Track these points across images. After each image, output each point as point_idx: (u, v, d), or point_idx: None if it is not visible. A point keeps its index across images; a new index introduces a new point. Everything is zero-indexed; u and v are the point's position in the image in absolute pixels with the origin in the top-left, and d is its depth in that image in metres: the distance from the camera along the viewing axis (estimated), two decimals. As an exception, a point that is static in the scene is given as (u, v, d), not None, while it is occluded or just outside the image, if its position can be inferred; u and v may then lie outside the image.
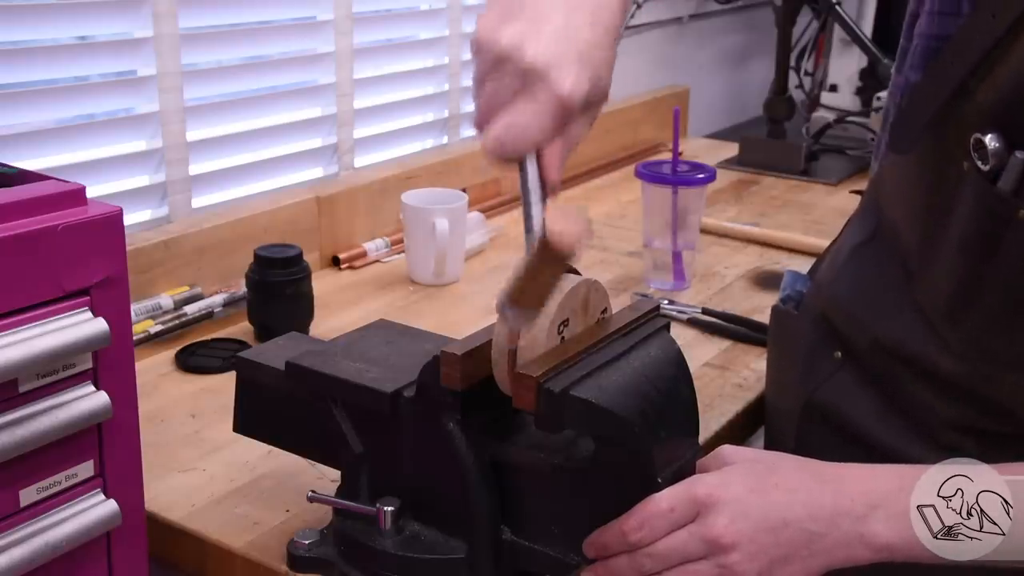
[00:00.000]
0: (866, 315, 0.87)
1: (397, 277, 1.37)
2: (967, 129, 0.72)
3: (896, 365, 0.84)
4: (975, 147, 0.71)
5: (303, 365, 0.78)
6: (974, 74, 0.72)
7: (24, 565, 0.67)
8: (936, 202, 0.77)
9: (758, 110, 2.05)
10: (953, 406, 0.81)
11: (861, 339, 0.88)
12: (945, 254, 0.77)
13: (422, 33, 1.68)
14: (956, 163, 0.74)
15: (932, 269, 0.79)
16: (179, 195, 1.30)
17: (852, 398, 0.89)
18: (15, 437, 0.66)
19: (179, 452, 0.95)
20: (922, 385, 0.83)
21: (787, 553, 0.65)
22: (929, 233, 0.79)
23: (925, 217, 0.80)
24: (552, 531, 0.72)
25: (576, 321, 0.70)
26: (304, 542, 0.78)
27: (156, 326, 1.13)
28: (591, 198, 1.76)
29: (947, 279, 0.77)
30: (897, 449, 0.83)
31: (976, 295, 0.75)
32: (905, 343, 0.83)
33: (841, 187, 1.84)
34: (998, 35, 0.70)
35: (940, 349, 0.80)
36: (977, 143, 0.71)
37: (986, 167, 0.71)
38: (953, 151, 0.74)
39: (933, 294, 0.80)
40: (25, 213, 0.66)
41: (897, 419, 0.85)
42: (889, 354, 0.85)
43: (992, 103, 0.71)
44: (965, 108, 0.73)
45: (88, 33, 1.21)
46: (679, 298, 1.31)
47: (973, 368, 0.78)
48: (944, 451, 0.80)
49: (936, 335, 0.80)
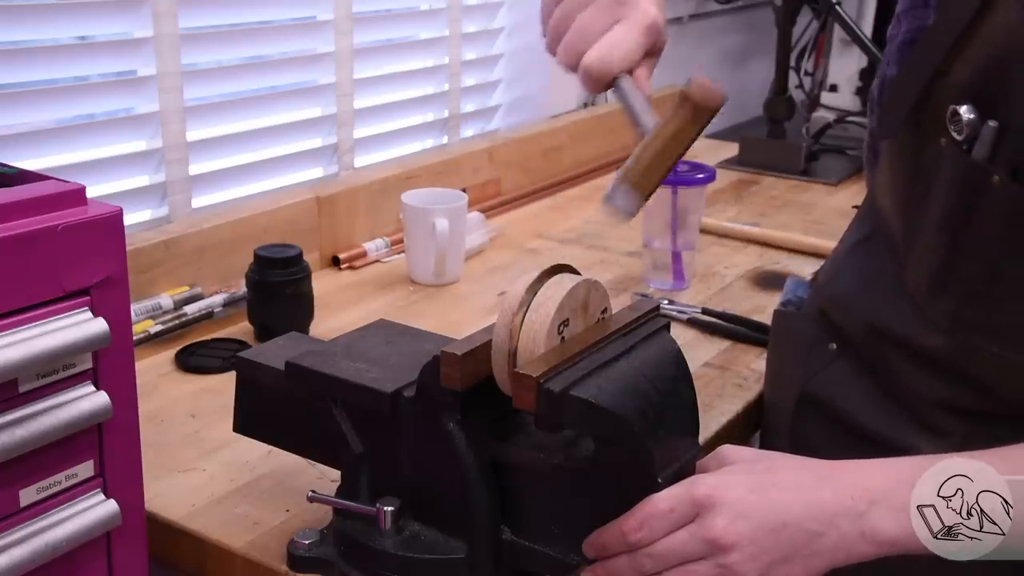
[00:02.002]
0: (860, 304, 0.89)
1: (397, 277, 1.37)
2: (943, 106, 0.75)
3: (886, 348, 0.86)
4: (951, 119, 0.74)
5: (303, 365, 0.78)
6: (948, 55, 0.75)
7: (24, 565, 0.67)
8: (917, 183, 0.80)
9: (758, 110, 2.05)
10: (939, 385, 0.82)
11: (856, 327, 0.90)
12: (926, 232, 0.79)
13: (422, 33, 1.68)
14: (934, 141, 0.76)
15: (915, 249, 0.81)
16: (179, 195, 1.30)
17: (845, 387, 0.90)
18: (15, 437, 0.66)
19: (179, 452, 0.95)
20: (909, 365, 0.84)
21: (787, 553, 0.65)
22: (912, 214, 0.81)
23: (908, 199, 0.82)
24: (552, 531, 0.72)
25: (576, 321, 0.71)
26: (304, 542, 0.78)
27: (156, 326, 1.14)
28: (591, 198, 1.76)
29: (929, 256, 0.79)
30: (889, 435, 0.85)
31: (956, 268, 0.77)
32: (895, 326, 0.85)
33: (841, 187, 1.84)
34: (969, 17, 0.73)
35: (926, 328, 0.81)
36: (953, 114, 0.74)
37: (961, 137, 0.73)
38: (930, 132, 0.77)
39: (917, 273, 0.81)
40: (25, 213, 0.66)
41: (888, 404, 0.87)
42: (880, 338, 0.86)
43: (966, 79, 0.74)
44: (940, 87, 0.76)
45: (88, 33, 1.21)
46: (679, 298, 1.31)
47: (956, 343, 0.79)
48: (932, 433, 0.82)
49: (922, 315, 0.81)
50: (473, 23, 1.75)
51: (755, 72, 2.50)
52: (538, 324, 0.68)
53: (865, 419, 0.88)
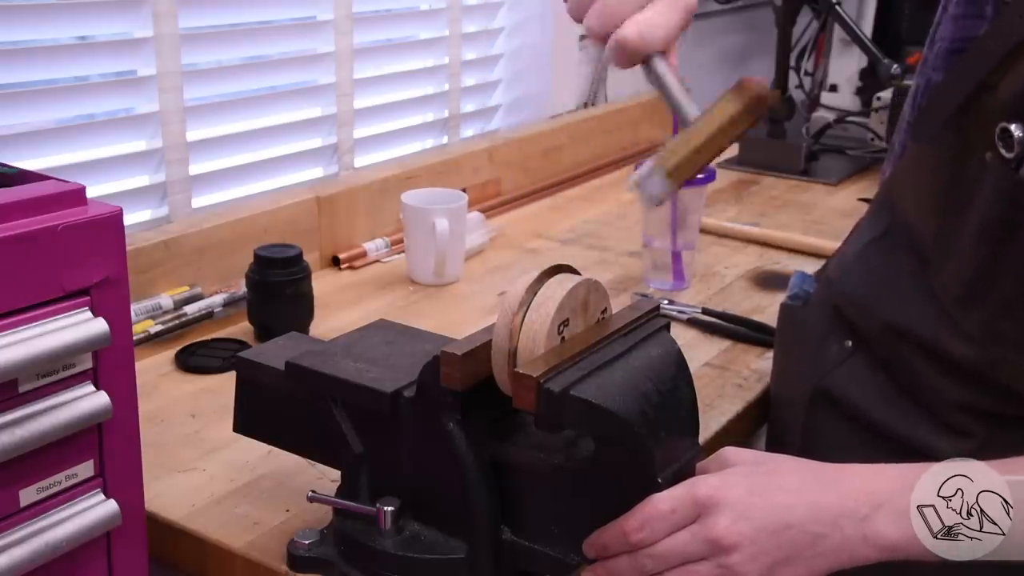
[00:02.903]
0: (878, 303, 0.89)
1: (397, 277, 1.37)
2: (989, 121, 0.74)
3: (906, 349, 0.85)
4: (1001, 136, 0.73)
5: (303, 365, 0.78)
6: (998, 70, 0.74)
7: (24, 565, 0.67)
8: (955, 193, 0.79)
9: (758, 110, 2.05)
10: (962, 389, 0.82)
11: (872, 326, 0.89)
12: (963, 243, 0.78)
13: (422, 33, 1.68)
14: (978, 154, 0.76)
15: (949, 258, 0.81)
16: (179, 195, 1.30)
17: (861, 384, 0.90)
18: (15, 437, 0.66)
19: (179, 452, 0.95)
20: (932, 368, 0.84)
21: (789, 555, 0.65)
22: (947, 223, 0.81)
23: (943, 208, 0.81)
24: (552, 531, 0.72)
25: (576, 321, 0.70)
26: (304, 542, 0.78)
27: (156, 326, 1.13)
28: (591, 198, 1.77)
29: (965, 267, 0.79)
30: (905, 433, 0.84)
31: (993, 281, 0.77)
32: (916, 327, 0.84)
33: (841, 187, 1.84)
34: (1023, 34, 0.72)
35: (952, 333, 0.81)
36: (1003, 132, 0.73)
37: (1010, 155, 0.73)
38: (974, 143, 0.76)
39: (949, 282, 0.81)
40: (25, 213, 0.66)
41: (906, 403, 0.86)
42: (900, 338, 0.86)
43: (1016, 96, 0.73)
44: (988, 102, 0.75)
45: (88, 33, 1.21)
46: (679, 298, 1.31)
47: (984, 352, 0.79)
48: (951, 433, 0.81)
49: (948, 320, 0.81)
50: (473, 23, 1.75)
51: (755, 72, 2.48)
52: (538, 324, 0.68)
53: (881, 416, 0.88)
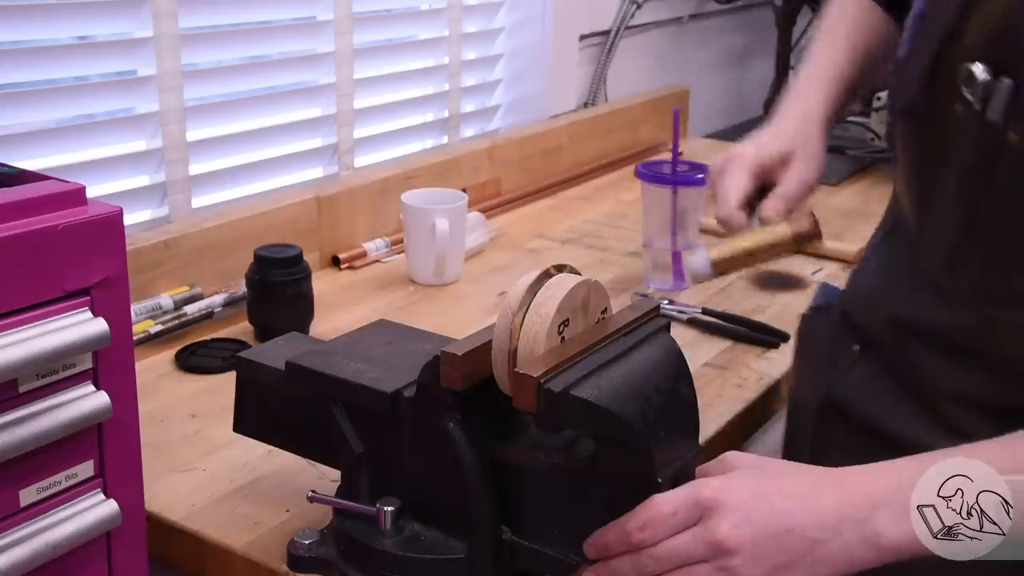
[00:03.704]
0: (883, 299, 0.89)
1: (397, 277, 1.37)
2: (957, 71, 0.73)
3: (908, 339, 0.85)
4: (965, 80, 0.72)
5: (303, 365, 0.78)
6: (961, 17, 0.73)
7: (24, 565, 0.67)
8: (930, 156, 0.79)
9: (758, 110, 2.05)
10: (959, 373, 0.82)
11: (878, 323, 0.89)
12: (942, 204, 0.78)
13: (422, 33, 1.68)
14: (948, 108, 0.74)
15: (929, 225, 0.80)
16: (179, 195, 1.30)
17: (868, 389, 0.90)
18: (15, 437, 0.65)
19: (179, 452, 0.95)
20: (931, 355, 0.83)
21: (790, 559, 0.65)
22: (925, 190, 0.80)
23: (920, 175, 0.81)
24: (552, 531, 0.72)
25: (576, 321, 0.70)
26: (304, 542, 0.78)
27: (156, 326, 1.13)
28: (591, 198, 1.77)
29: (946, 228, 0.78)
30: (911, 436, 0.84)
31: (976, 236, 0.76)
32: (915, 313, 0.84)
33: (841, 187, 1.84)
34: None
35: (945, 306, 0.80)
36: (968, 77, 0.72)
37: (975, 98, 0.72)
38: (945, 100, 0.75)
39: (933, 249, 0.80)
40: (25, 213, 0.66)
41: (910, 404, 0.86)
42: (902, 329, 0.86)
43: (980, 40, 0.72)
44: (954, 52, 0.74)
45: (88, 33, 1.21)
46: (679, 298, 1.31)
47: (977, 318, 0.78)
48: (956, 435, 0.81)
49: (941, 293, 0.81)
50: (473, 23, 1.75)
51: (755, 72, 2.50)
52: (538, 324, 0.68)
53: (887, 421, 0.87)
